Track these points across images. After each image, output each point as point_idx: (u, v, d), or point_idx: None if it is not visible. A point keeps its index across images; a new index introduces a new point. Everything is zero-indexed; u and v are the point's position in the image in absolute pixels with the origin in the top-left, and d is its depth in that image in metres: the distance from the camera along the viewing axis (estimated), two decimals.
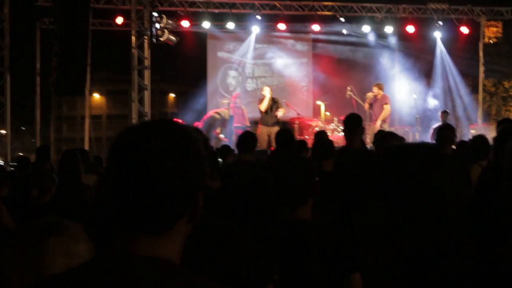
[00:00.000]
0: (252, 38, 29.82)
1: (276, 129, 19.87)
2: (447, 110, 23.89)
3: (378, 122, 21.04)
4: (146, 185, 1.97)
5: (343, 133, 9.14)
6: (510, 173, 6.45)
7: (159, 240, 2.02)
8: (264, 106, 21.15)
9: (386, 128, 20.12)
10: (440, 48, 30.33)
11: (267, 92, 21.42)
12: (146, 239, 2.01)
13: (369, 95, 21.57)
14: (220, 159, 12.72)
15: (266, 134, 20.82)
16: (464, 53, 33.23)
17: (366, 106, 21.69)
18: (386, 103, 21.48)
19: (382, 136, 8.78)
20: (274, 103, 21.30)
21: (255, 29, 27.78)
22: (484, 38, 29.24)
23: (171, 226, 2.03)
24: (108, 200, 2.05)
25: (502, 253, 2.70)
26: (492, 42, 31.08)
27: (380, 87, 21.80)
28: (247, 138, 9.26)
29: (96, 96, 78.72)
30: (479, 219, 5.77)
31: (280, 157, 7.89)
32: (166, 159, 1.99)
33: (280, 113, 21.33)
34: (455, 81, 32.16)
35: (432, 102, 31.53)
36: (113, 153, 2.05)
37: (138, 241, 2.01)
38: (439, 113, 23.21)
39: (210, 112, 24.42)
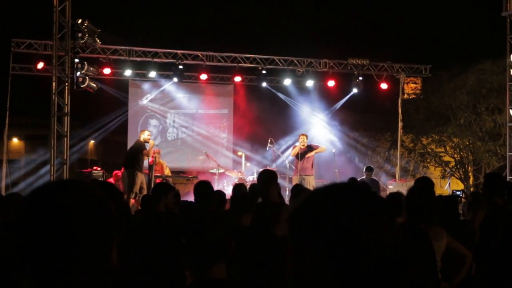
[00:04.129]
0: (173, 87, 29.77)
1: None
2: (371, 166, 24.00)
3: (313, 153, 21.82)
4: (54, 237, 2.05)
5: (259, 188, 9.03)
6: (424, 232, 6.50)
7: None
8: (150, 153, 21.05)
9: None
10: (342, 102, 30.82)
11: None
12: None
13: (299, 146, 21.58)
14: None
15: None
16: (383, 108, 33.79)
17: (293, 154, 21.71)
18: (317, 146, 21.96)
19: (299, 191, 8.74)
20: None
21: (177, 79, 27.60)
22: (403, 94, 29.66)
23: (80, 273, 2.08)
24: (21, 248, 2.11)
25: None
26: (411, 98, 31.53)
27: (307, 137, 22.07)
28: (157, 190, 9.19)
29: (15, 140, 77.52)
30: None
31: (193, 212, 7.77)
32: (70, 216, 2.07)
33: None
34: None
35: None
36: (24, 209, 2.14)
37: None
38: (364, 170, 23.19)
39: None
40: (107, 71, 26.64)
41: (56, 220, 2.06)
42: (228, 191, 17.40)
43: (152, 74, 27.68)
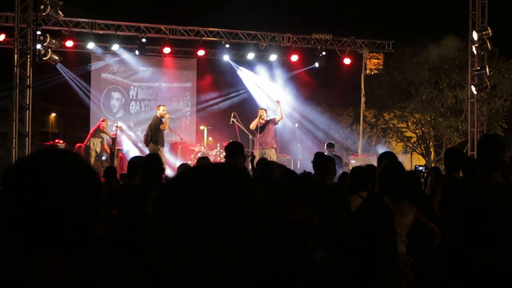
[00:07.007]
0: (136, 60, 29.60)
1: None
2: (332, 142, 23.92)
3: (277, 118, 21.97)
4: (47, 210, 1.99)
5: (225, 159, 9.02)
6: (385, 204, 6.58)
7: (59, 263, 2.03)
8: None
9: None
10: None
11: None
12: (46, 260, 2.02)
13: (258, 119, 21.40)
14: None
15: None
16: (346, 84, 33.92)
17: (253, 126, 21.51)
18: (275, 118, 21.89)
19: (265, 165, 8.74)
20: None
21: (140, 52, 27.44)
22: (366, 69, 29.75)
23: (76, 248, 2.06)
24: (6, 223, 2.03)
25: None
26: (373, 73, 31.64)
27: (266, 111, 21.87)
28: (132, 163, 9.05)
29: None
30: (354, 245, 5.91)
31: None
32: (62, 188, 2.02)
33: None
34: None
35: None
36: (8, 182, 2.06)
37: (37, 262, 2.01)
38: (325, 147, 22.96)
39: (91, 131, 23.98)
40: (69, 43, 26.37)
41: (47, 190, 2.00)
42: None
43: (115, 47, 27.54)
